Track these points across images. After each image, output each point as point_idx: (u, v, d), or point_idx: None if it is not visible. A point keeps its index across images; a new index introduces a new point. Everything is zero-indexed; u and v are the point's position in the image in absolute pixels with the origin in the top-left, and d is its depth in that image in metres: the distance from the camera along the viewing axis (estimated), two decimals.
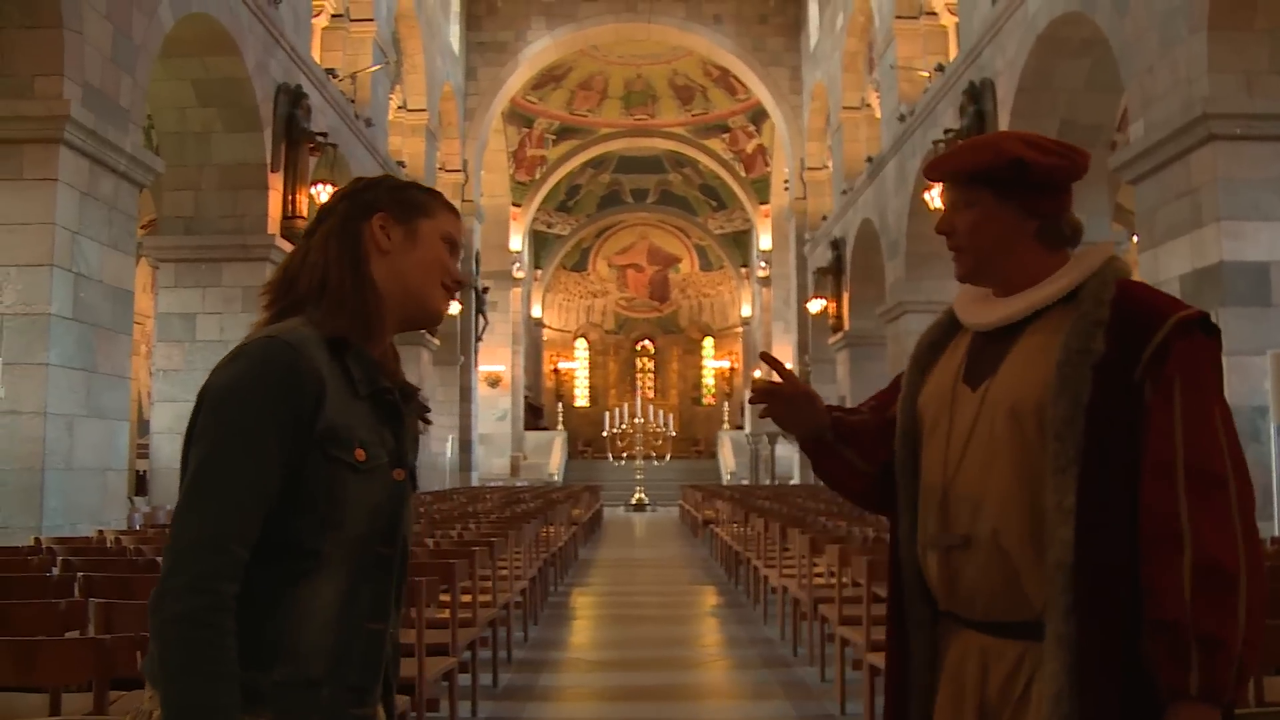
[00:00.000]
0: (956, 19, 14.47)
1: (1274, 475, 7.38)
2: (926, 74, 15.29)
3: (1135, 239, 15.19)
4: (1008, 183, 1.84)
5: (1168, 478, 1.63)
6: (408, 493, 1.68)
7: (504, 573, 7.45)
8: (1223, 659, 1.55)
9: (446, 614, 5.19)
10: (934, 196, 12.83)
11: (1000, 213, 1.85)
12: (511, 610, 7.22)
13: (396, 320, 1.71)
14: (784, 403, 2.02)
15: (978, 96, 12.51)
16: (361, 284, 1.65)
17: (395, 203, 1.72)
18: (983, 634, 1.79)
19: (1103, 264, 1.80)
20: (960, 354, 1.92)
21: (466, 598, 5.87)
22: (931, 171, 1.96)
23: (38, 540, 6.59)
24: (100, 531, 7.53)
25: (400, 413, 1.68)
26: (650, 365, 40.59)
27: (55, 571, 4.87)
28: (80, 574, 4.51)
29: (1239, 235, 7.83)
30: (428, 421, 1.79)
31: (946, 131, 13.13)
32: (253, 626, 1.47)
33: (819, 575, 7.10)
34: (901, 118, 16.12)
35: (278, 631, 1.50)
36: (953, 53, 14.73)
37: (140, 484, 15.55)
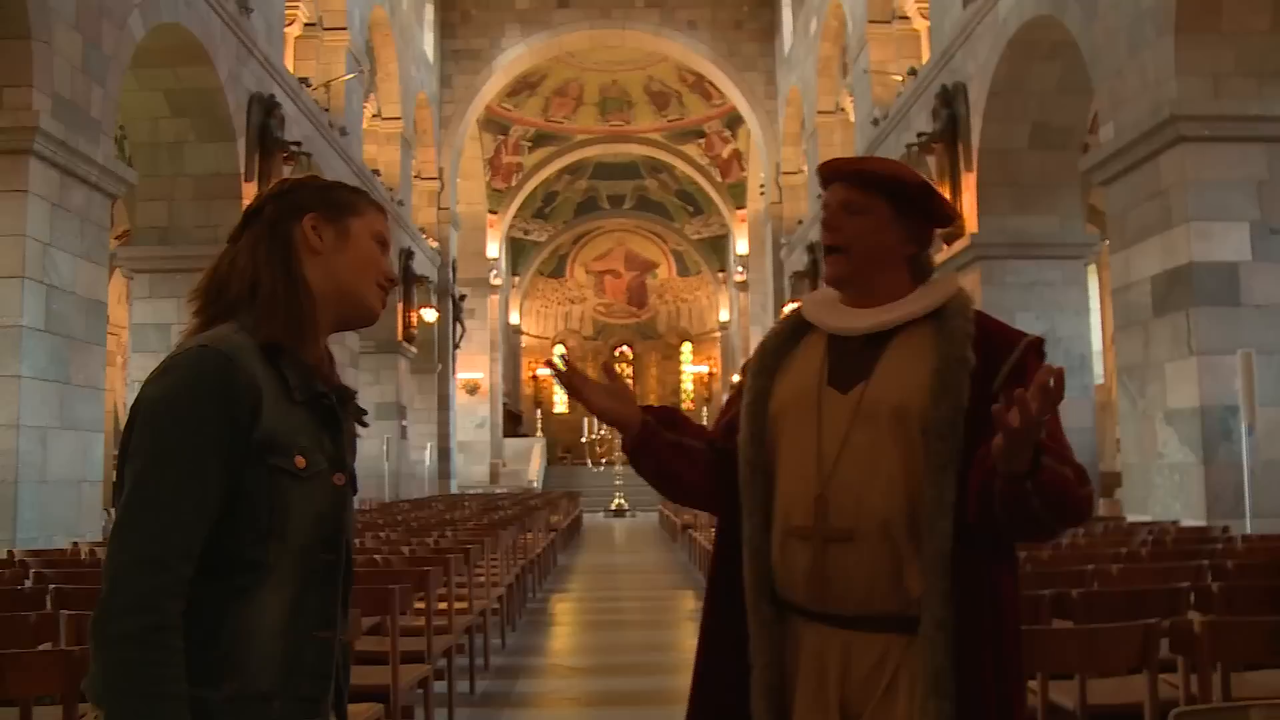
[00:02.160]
0: (929, 23, 14.55)
1: (1245, 473, 7.46)
2: (900, 78, 15.37)
3: (1107, 242, 15.34)
4: (909, 202, 1.96)
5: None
6: (349, 498, 1.65)
7: (481, 579, 7.45)
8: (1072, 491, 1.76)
9: (422, 621, 5.19)
10: None
11: (891, 227, 1.97)
12: (489, 617, 7.22)
13: (331, 321, 1.69)
14: (602, 387, 2.07)
15: (950, 100, 12.59)
16: (294, 286, 1.62)
17: (324, 203, 1.70)
18: (847, 629, 1.86)
19: (958, 290, 1.98)
20: (818, 358, 2.00)
21: (443, 605, 5.86)
22: (842, 167, 2.03)
23: (11, 553, 6.55)
24: (75, 544, 7.48)
25: (338, 417, 1.65)
26: (629, 371, 40.55)
27: (28, 584, 4.85)
28: (53, 586, 4.49)
29: (1208, 236, 7.91)
30: (364, 424, 1.76)
31: (920, 135, 13.20)
32: (199, 643, 1.45)
33: None
34: (876, 121, 16.20)
35: (225, 646, 1.47)
36: (925, 57, 14.81)
37: (116, 496, 15.41)
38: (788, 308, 16.23)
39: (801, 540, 1.90)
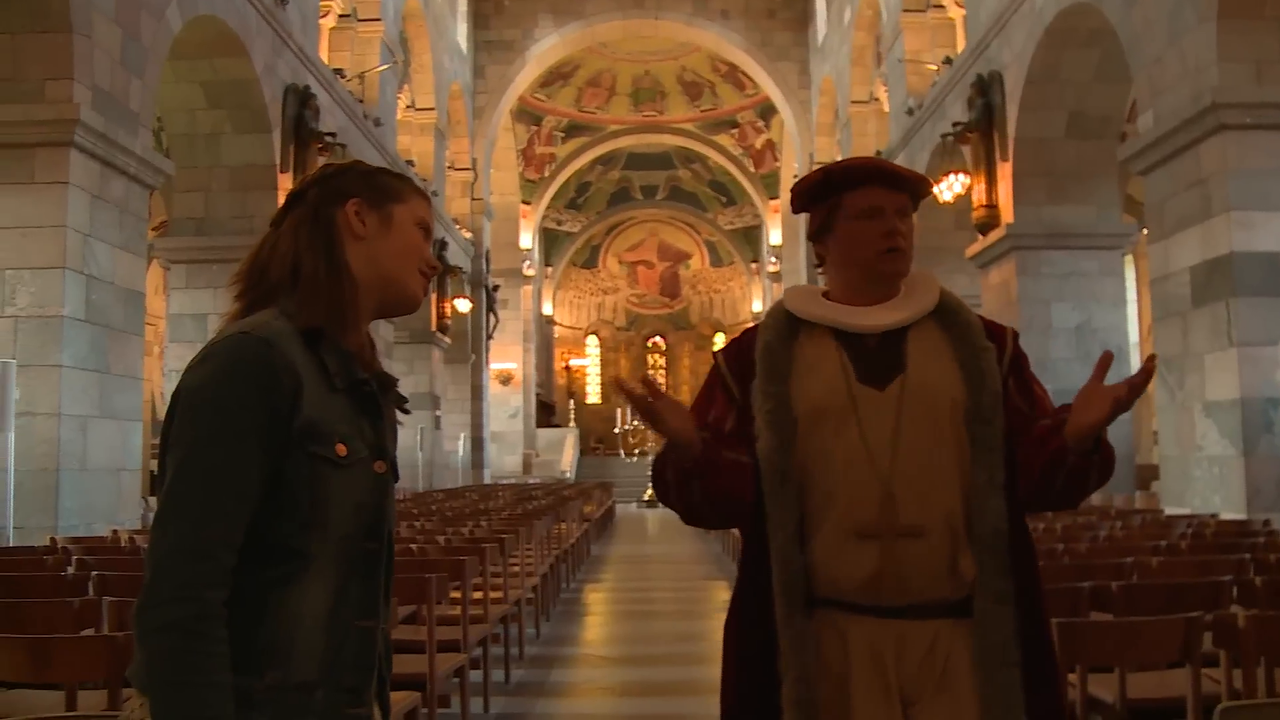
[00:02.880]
0: (964, 11, 14.43)
1: None
2: (934, 67, 15.25)
3: (1145, 231, 15.18)
4: (916, 206, 2.12)
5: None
6: (390, 485, 1.64)
7: (515, 569, 7.48)
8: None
9: (458, 610, 5.21)
10: (943, 190, 12.79)
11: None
12: (523, 606, 7.24)
13: (372, 308, 1.67)
14: (667, 403, 1.90)
15: (986, 89, 12.48)
16: (336, 272, 1.61)
17: (368, 188, 1.69)
18: (901, 620, 1.89)
19: (942, 286, 2.09)
20: (833, 357, 2.00)
21: (478, 594, 5.89)
22: (899, 176, 2.08)
23: (53, 540, 6.64)
24: (114, 531, 7.58)
25: (378, 404, 1.64)
26: (662, 362, 40.59)
27: (70, 571, 4.91)
28: (94, 573, 4.55)
29: (1249, 225, 7.80)
30: (405, 411, 1.75)
31: (955, 124, 13.09)
32: (242, 632, 1.44)
33: None
34: (910, 111, 16.09)
35: (268, 636, 1.46)
36: (960, 46, 14.69)
37: (154, 484, 15.60)
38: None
39: (864, 540, 1.89)
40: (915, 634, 1.88)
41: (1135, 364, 19.18)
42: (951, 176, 12.80)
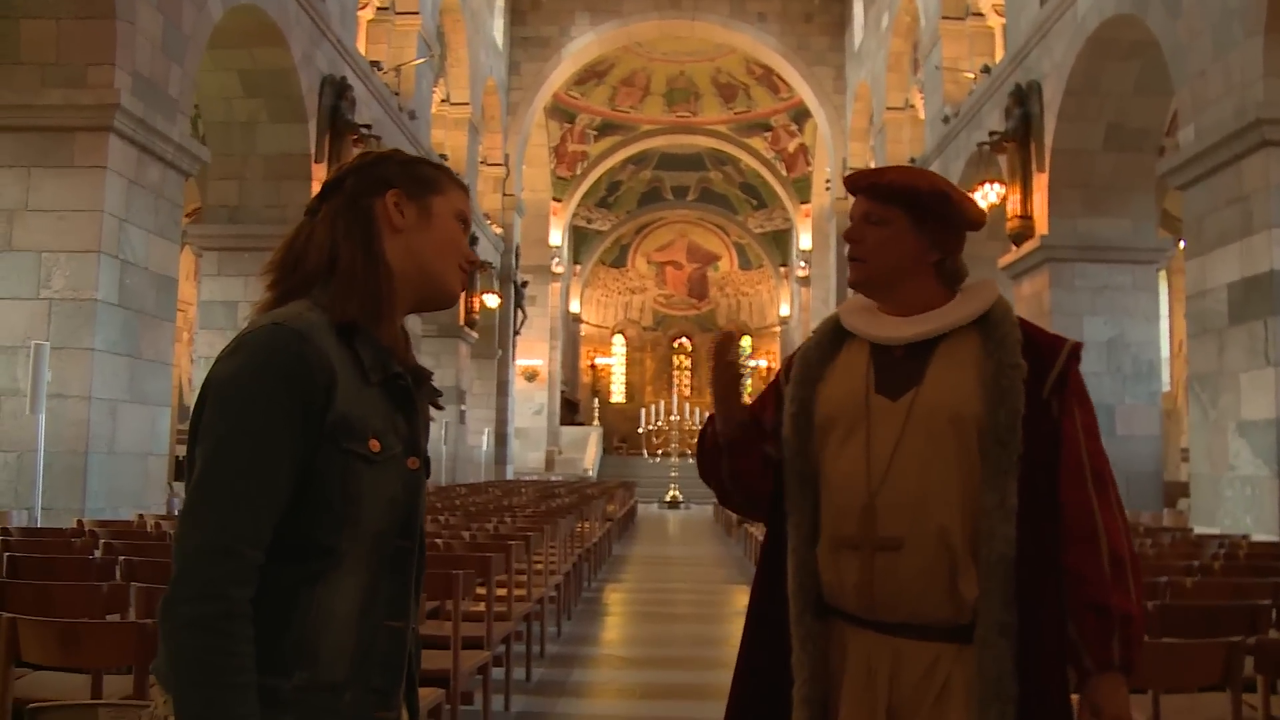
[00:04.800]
0: (1004, 20, 14.33)
1: None
2: (972, 75, 15.16)
3: (1182, 245, 15.04)
4: (926, 211, 1.97)
5: (1082, 481, 1.86)
6: (422, 482, 1.60)
7: (539, 567, 7.47)
8: (1137, 632, 1.80)
9: (482, 607, 5.20)
10: (979, 198, 12.70)
11: (910, 237, 1.98)
12: (546, 605, 7.23)
13: (409, 302, 1.64)
14: (735, 373, 2.05)
15: (1024, 99, 12.39)
16: (374, 264, 1.57)
17: (408, 179, 1.65)
18: (897, 636, 1.85)
19: (999, 296, 1.98)
20: (862, 367, 2.00)
21: (502, 591, 5.88)
22: (859, 180, 2.05)
23: (80, 523, 6.68)
24: (140, 516, 7.62)
25: (413, 398, 1.60)
26: (687, 363, 40.53)
27: (97, 554, 4.93)
28: (121, 558, 4.56)
29: None
30: (439, 406, 1.72)
31: (992, 134, 13.01)
32: (270, 631, 1.40)
33: None
34: (946, 119, 15.99)
35: (296, 635, 1.43)
36: (999, 54, 14.60)
37: (180, 469, 15.70)
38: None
39: (851, 550, 1.90)
40: (913, 653, 1.85)
41: (1167, 380, 19.04)
42: (987, 186, 12.70)
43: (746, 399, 2.10)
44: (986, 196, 12.65)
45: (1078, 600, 1.82)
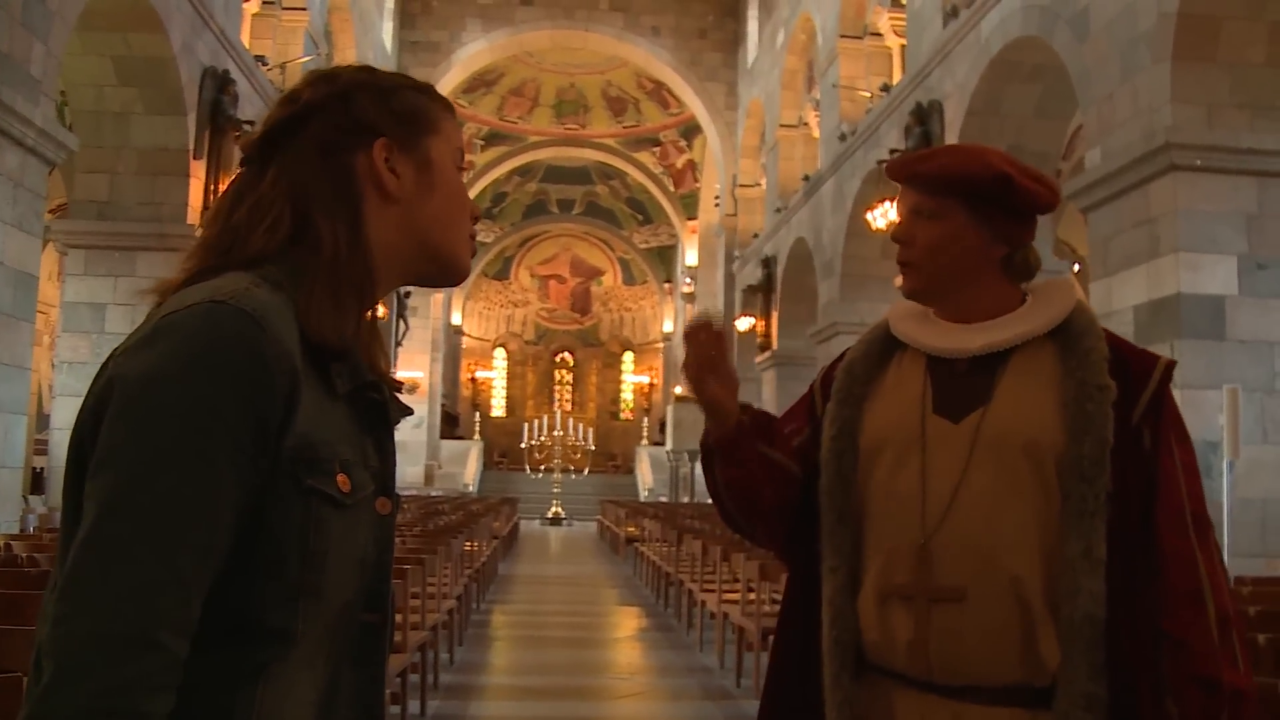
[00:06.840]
0: (903, 41, 14.37)
1: (1224, 511, 7.26)
2: (869, 94, 15.17)
3: (1076, 269, 15.26)
4: (986, 199, 1.64)
5: (1184, 528, 1.54)
6: (393, 530, 1.16)
7: (431, 591, 7.01)
8: (1249, 711, 1.50)
9: None
10: (876, 217, 12.66)
11: (970, 231, 1.65)
12: (439, 632, 6.78)
13: (393, 283, 1.19)
14: (722, 368, 1.67)
15: (925, 118, 12.38)
16: (359, 250, 1.12)
17: (395, 120, 1.17)
18: (959, 701, 1.54)
19: (1079, 302, 1.67)
20: (917, 382, 1.68)
21: (398, 618, 5.43)
22: (901, 169, 1.70)
23: None
24: None
25: (387, 417, 1.18)
26: (569, 378, 40.19)
27: None
28: None
29: (1196, 267, 7.72)
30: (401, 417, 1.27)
31: (891, 151, 12.98)
32: None
33: (766, 603, 6.77)
34: (842, 137, 15.98)
35: None
36: (897, 75, 14.62)
37: (37, 482, 14.74)
38: (740, 322, 15.85)
39: (903, 601, 1.57)
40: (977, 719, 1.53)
41: None
42: (886, 204, 12.66)
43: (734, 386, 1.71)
44: (886, 215, 12.61)
45: (1181, 672, 1.50)
